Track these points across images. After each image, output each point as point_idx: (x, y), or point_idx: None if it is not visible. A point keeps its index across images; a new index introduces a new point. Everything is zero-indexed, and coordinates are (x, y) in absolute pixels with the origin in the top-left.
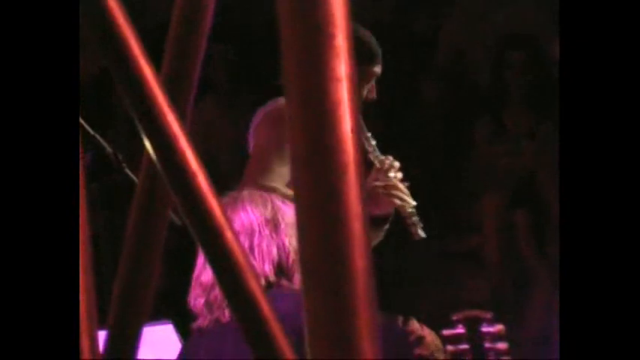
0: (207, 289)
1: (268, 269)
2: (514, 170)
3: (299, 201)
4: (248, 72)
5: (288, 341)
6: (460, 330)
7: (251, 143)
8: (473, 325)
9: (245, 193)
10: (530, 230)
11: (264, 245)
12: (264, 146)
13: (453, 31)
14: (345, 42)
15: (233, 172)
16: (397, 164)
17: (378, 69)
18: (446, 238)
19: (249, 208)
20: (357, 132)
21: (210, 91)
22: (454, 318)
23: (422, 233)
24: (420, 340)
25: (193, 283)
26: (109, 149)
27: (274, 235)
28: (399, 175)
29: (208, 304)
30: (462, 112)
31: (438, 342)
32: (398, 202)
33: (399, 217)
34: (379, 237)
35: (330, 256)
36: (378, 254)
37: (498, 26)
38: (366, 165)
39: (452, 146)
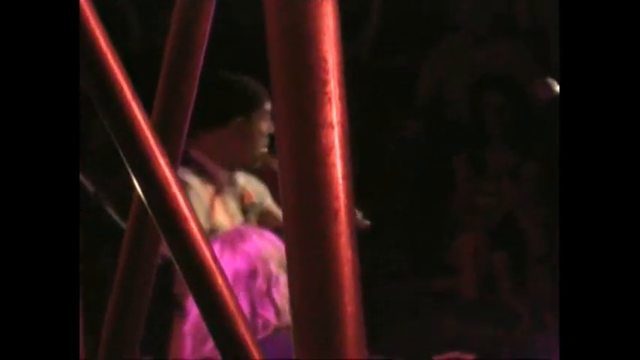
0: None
1: (286, 318)
2: (494, 210)
3: (289, 246)
4: None
5: None
6: None
7: None
8: None
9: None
10: (509, 271)
11: (281, 288)
12: None
13: (432, 69)
14: (337, 88)
15: None
16: None
17: (269, 105)
18: (424, 277)
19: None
20: (349, 178)
21: None
22: None
23: (366, 221)
24: None
25: (188, 336)
26: (90, 188)
27: None
28: None
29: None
30: (442, 150)
31: None
32: None
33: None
34: None
35: (321, 301)
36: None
37: (477, 66)
38: None
39: (432, 184)
